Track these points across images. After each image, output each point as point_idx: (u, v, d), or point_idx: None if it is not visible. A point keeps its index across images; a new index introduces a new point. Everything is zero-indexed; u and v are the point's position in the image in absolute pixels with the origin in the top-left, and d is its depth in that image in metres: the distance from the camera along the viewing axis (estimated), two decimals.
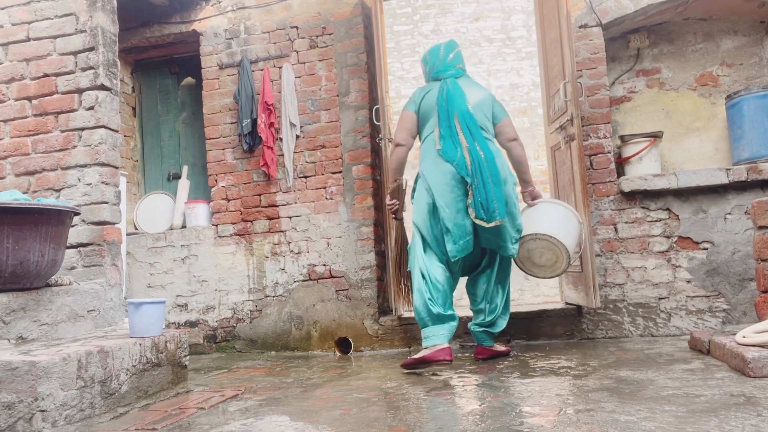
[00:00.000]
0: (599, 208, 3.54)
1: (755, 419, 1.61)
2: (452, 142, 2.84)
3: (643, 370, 2.43)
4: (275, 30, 4.02)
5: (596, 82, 3.59)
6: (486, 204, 2.76)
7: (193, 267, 4.03)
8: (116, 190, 2.93)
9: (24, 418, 1.88)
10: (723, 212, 3.41)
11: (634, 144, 3.57)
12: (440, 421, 1.85)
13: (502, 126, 3.01)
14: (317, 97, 3.92)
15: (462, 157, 2.79)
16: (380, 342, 3.66)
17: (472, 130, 2.85)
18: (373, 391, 2.38)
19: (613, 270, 3.50)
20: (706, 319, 3.37)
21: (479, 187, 2.76)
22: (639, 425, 1.64)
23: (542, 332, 3.48)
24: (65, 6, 2.93)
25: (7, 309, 2.22)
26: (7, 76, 2.98)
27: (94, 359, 2.13)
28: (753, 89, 3.42)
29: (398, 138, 3.02)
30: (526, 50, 6.64)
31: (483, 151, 2.80)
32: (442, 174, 2.82)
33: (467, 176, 2.77)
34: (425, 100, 2.98)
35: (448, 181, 2.81)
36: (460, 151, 2.81)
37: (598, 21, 3.58)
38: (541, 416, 1.82)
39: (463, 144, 2.82)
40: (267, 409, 2.16)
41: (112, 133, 2.93)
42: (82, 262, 2.81)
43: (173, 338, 2.64)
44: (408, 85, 6.81)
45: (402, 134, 3.01)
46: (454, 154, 2.81)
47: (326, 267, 3.81)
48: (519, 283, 6.42)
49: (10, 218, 2.18)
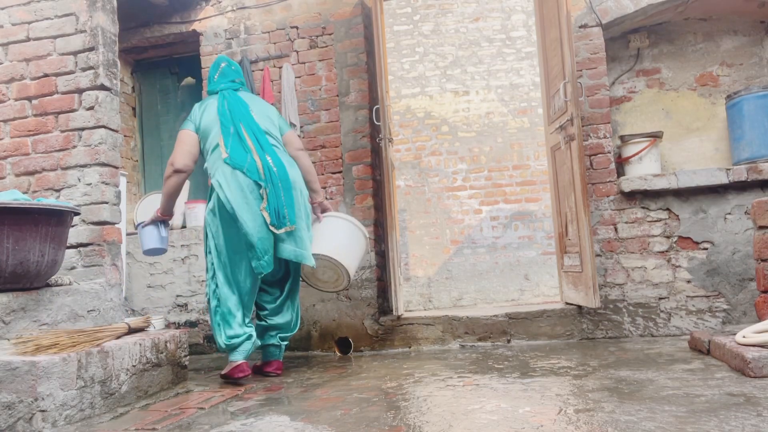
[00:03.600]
0: (599, 208, 3.54)
1: (755, 419, 1.61)
2: (241, 148, 2.76)
3: (643, 370, 2.43)
4: (275, 30, 4.02)
5: (596, 82, 3.59)
6: (278, 209, 2.70)
7: (193, 267, 4.03)
8: (116, 190, 2.93)
9: (24, 418, 1.88)
10: (723, 212, 3.41)
11: (634, 144, 3.57)
12: (440, 421, 1.85)
13: (288, 137, 3.01)
14: (317, 97, 3.92)
15: (252, 162, 2.72)
16: (380, 342, 3.66)
17: (258, 136, 2.81)
18: (373, 391, 2.38)
19: (613, 270, 3.50)
20: (706, 319, 3.37)
21: (271, 192, 2.70)
22: (639, 425, 1.64)
23: (542, 332, 3.48)
24: (65, 6, 2.93)
25: (7, 309, 2.22)
26: (7, 76, 2.98)
27: (94, 359, 2.13)
28: (753, 89, 3.42)
29: (178, 163, 2.81)
30: (526, 50, 6.64)
31: (271, 156, 2.77)
32: (236, 185, 2.71)
33: (260, 180, 2.70)
34: (204, 115, 2.87)
35: (243, 191, 2.70)
36: (249, 157, 2.73)
37: (598, 21, 3.58)
38: (541, 416, 1.82)
39: (252, 149, 2.75)
40: (267, 409, 2.16)
41: (112, 133, 2.93)
42: (82, 262, 2.81)
43: (173, 338, 2.64)
44: (408, 85, 6.81)
45: (183, 159, 2.82)
46: (243, 160, 2.72)
47: None
48: (519, 283, 6.44)
49: (10, 218, 2.18)
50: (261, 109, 2.97)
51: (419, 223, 6.65)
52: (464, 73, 6.72)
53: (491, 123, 6.64)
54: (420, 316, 3.66)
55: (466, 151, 6.66)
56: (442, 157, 6.71)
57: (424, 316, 3.64)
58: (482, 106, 6.67)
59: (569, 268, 3.54)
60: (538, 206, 6.49)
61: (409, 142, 6.77)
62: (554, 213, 3.79)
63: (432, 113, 6.76)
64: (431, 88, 6.78)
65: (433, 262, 6.60)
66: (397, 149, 6.70)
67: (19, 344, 2.05)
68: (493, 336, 3.50)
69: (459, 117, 6.71)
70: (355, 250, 3.04)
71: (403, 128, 6.78)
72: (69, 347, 2.08)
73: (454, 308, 5.97)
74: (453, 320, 3.56)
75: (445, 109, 6.74)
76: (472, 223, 6.57)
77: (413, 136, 6.77)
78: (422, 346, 3.57)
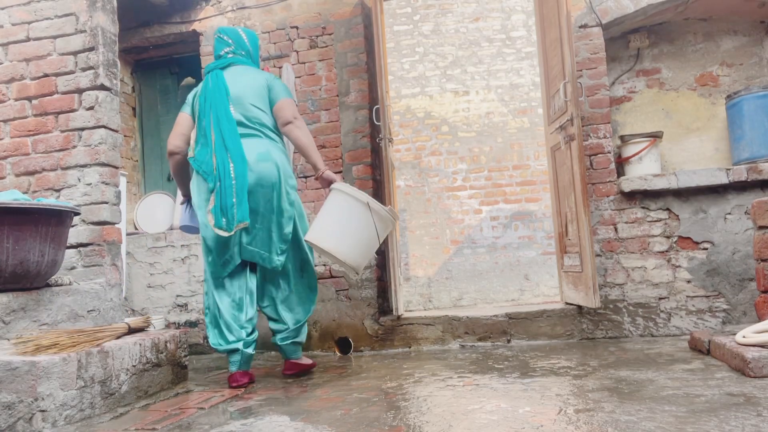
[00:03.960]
0: (599, 208, 3.54)
1: (755, 419, 1.61)
2: (206, 146, 2.63)
3: (643, 370, 2.43)
4: (275, 30, 4.02)
5: (596, 82, 3.59)
6: (225, 208, 2.51)
7: (193, 267, 4.03)
8: (116, 190, 2.93)
9: (24, 418, 1.88)
10: (723, 212, 3.41)
11: (634, 144, 3.57)
12: (440, 421, 1.85)
13: (277, 109, 2.70)
14: (317, 97, 3.92)
15: (209, 162, 2.59)
16: (380, 342, 3.66)
17: (225, 129, 2.59)
18: (373, 391, 2.38)
19: (613, 270, 3.50)
20: (706, 319, 3.37)
21: (219, 192, 2.53)
22: (639, 425, 1.64)
23: (542, 332, 3.48)
24: (65, 6, 2.93)
25: (7, 309, 2.22)
26: (7, 76, 2.98)
27: (94, 359, 2.14)
28: (753, 89, 3.42)
29: (170, 145, 2.73)
30: (526, 50, 6.64)
31: (231, 152, 2.55)
32: (197, 187, 2.65)
33: (210, 181, 2.56)
34: (195, 99, 2.76)
35: (201, 193, 2.63)
36: (209, 156, 2.60)
37: (598, 21, 3.58)
38: (541, 416, 1.82)
39: (213, 147, 2.59)
40: (267, 409, 2.16)
41: (112, 133, 2.93)
42: (82, 262, 2.81)
43: (173, 338, 2.64)
44: (408, 85, 6.81)
45: (174, 140, 2.73)
46: (203, 161, 2.61)
47: (326, 267, 3.81)
48: (519, 283, 6.44)
49: (10, 218, 2.18)
50: (245, 86, 2.70)
51: (419, 223, 6.65)
52: (464, 73, 6.72)
53: (491, 123, 6.64)
54: (420, 316, 3.65)
55: (466, 151, 6.66)
56: (442, 157, 6.71)
57: (424, 316, 3.64)
58: (482, 106, 6.67)
59: (569, 268, 3.55)
60: (538, 206, 6.49)
61: (409, 142, 6.77)
62: (554, 213, 3.79)
63: (432, 113, 6.76)
64: (431, 88, 6.78)
65: (433, 262, 6.60)
66: (397, 149, 6.71)
67: (19, 344, 2.05)
68: (493, 336, 3.50)
69: (459, 117, 6.71)
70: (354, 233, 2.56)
71: (403, 128, 6.79)
72: (69, 347, 2.08)
73: (454, 308, 5.97)
74: (453, 320, 3.56)
75: (445, 109, 6.74)
76: (472, 223, 6.57)
77: (413, 136, 6.77)
78: (422, 346, 3.57)
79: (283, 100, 2.72)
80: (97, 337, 2.23)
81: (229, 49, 2.82)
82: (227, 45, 2.83)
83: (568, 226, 3.52)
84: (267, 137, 2.71)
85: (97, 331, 2.28)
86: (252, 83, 2.72)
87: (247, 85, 2.71)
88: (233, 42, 2.84)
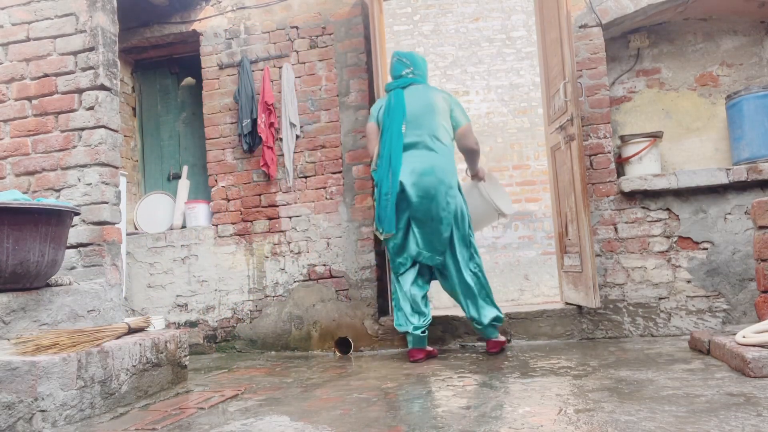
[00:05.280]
0: (599, 208, 3.54)
1: (755, 419, 1.61)
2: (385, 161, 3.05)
3: (643, 370, 2.43)
4: (275, 30, 4.01)
5: (596, 82, 3.59)
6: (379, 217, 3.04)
7: (193, 267, 4.03)
8: (116, 190, 2.93)
9: (24, 418, 1.88)
10: (723, 212, 3.41)
11: (634, 144, 3.57)
12: (440, 421, 1.85)
13: (460, 135, 3.17)
14: (317, 97, 3.92)
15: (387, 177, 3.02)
16: (380, 342, 3.66)
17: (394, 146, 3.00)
18: (373, 391, 2.38)
19: (613, 270, 3.50)
20: (706, 319, 3.37)
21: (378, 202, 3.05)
22: (639, 425, 1.64)
23: (542, 332, 3.48)
24: (65, 6, 2.93)
25: (7, 309, 2.22)
26: (7, 76, 2.98)
27: (94, 359, 2.14)
28: (753, 89, 3.42)
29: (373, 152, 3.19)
30: (526, 50, 6.64)
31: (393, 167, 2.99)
32: None
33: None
34: (380, 113, 3.18)
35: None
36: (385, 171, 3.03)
37: (598, 21, 3.57)
38: (541, 416, 1.82)
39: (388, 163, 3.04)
40: (267, 409, 2.16)
41: (112, 133, 2.93)
42: (82, 262, 2.81)
43: (173, 338, 2.64)
44: None
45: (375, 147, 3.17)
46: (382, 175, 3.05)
47: (326, 267, 3.81)
48: (519, 283, 6.43)
49: (10, 218, 2.18)
50: (419, 106, 3.07)
51: None
52: (464, 73, 6.72)
53: (491, 123, 6.64)
54: None
55: None
56: None
57: None
58: (482, 106, 6.66)
59: (569, 268, 3.54)
60: (538, 206, 6.49)
61: None
62: (554, 213, 3.79)
63: None
64: None
65: None
66: None
67: (19, 344, 2.05)
68: None
69: None
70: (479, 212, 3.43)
71: None
72: (69, 347, 2.08)
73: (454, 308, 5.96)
74: (453, 320, 3.56)
75: None
76: None
77: None
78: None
79: (466, 127, 3.17)
80: (97, 337, 2.23)
81: (408, 71, 3.16)
82: (406, 66, 3.17)
83: (568, 226, 3.52)
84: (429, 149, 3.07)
85: (97, 331, 2.28)
86: (429, 101, 3.08)
87: (425, 103, 3.07)
88: (411, 63, 3.18)
